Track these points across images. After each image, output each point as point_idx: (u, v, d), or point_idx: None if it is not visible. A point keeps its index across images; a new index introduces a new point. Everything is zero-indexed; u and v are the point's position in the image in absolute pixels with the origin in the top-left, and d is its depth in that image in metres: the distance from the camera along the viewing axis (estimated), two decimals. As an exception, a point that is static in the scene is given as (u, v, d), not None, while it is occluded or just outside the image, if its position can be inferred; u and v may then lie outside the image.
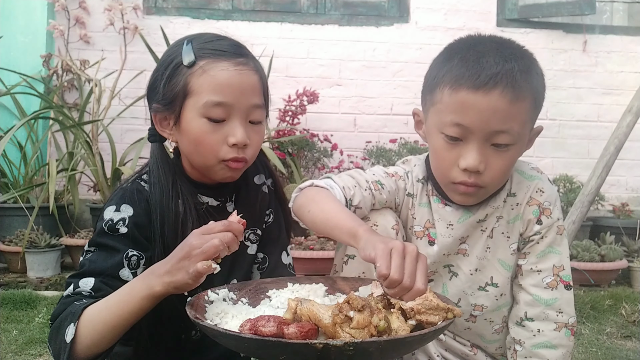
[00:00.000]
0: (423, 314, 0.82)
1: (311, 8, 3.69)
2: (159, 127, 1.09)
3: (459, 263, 1.16)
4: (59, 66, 3.40)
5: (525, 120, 1.02)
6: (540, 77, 1.04)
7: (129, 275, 1.01)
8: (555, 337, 1.07)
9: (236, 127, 1.03)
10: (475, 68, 0.98)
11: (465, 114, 0.99)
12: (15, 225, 3.01)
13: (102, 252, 1.01)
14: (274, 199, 1.27)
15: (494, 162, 1.01)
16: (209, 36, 1.08)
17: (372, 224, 1.12)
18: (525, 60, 1.02)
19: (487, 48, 1.01)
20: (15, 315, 2.17)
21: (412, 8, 3.69)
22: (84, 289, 0.97)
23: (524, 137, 1.04)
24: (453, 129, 1.00)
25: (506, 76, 0.96)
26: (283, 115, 3.37)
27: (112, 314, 0.91)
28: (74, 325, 0.90)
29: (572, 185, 3.41)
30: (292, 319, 0.78)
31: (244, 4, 3.66)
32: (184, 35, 1.11)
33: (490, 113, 0.97)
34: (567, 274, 1.10)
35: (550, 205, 1.11)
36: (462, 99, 0.98)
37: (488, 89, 0.96)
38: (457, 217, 1.13)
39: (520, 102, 0.98)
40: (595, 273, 2.84)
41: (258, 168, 1.24)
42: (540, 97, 1.04)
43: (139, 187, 1.10)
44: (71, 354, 0.89)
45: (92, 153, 3.10)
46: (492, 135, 1.00)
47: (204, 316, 0.87)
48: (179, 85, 1.03)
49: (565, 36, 3.73)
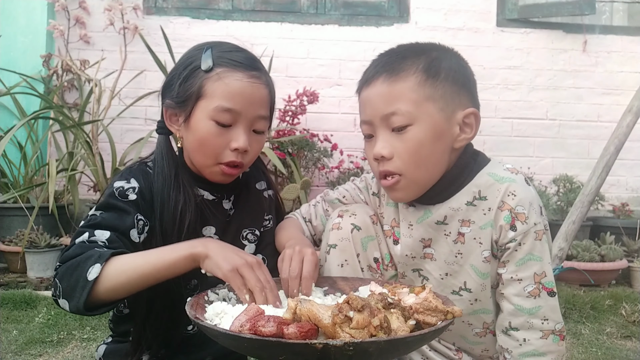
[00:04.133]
0: (421, 313, 0.83)
1: (311, 8, 3.69)
2: (168, 122, 1.16)
3: (428, 268, 1.15)
4: (59, 66, 3.40)
5: (415, 98, 1.03)
6: (440, 59, 1.06)
7: (137, 237, 1.06)
8: (542, 345, 1.03)
9: (240, 133, 1.10)
10: (364, 73, 1.13)
11: (364, 111, 1.11)
12: (15, 225, 3.01)
13: (113, 212, 1.06)
14: (274, 207, 1.33)
15: (399, 146, 1.05)
16: (229, 46, 1.16)
17: (351, 214, 1.19)
18: (414, 48, 1.10)
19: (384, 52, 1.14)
20: (15, 315, 2.17)
21: (412, 8, 3.69)
22: (99, 238, 1.01)
23: (425, 116, 1.03)
24: (363, 127, 1.12)
25: (383, 66, 1.08)
26: (283, 115, 3.37)
27: (148, 263, 0.96)
28: (100, 265, 0.93)
29: (572, 185, 3.41)
30: (292, 319, 0.78)
31: (244, 4, 3.66)
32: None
33: (376, 99, 1.07)
34: (550, 281, 1.04)
35: (524, 210, 1.03)
36: (360, 100, 1.12)
37: (369, 82, 1.09)
38: (417, 217, 1.13)
39: (401, 82, 1.04)
40: (595, 273, 2.84)
41: (261, 176, 1.31)
42: (437, 73, 1.04)
43: (144, 168, 1.17)
44: (91, 292, 0.92)
45: (92, 153, 3.10)
46: (386, 120, 1.05)
47: (203, 316, 0.87)
48: (194, 87, 1.10)
49: (565, 36, 3.73)
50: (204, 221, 1.17)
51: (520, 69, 3.72)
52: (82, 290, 0.92)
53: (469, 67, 1.11)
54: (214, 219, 1.19)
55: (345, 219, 1.18)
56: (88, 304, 0.93)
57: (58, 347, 1.87)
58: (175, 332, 1.17)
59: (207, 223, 1.18)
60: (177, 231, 1.10)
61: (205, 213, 1.17)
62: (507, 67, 3.71)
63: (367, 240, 1.17)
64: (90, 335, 1.98)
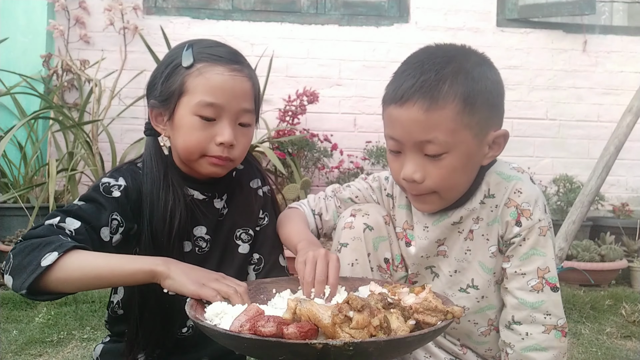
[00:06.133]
0: (421, 313, 0.83)
1: (311, 8, 3.69)
2: (154, 122, 1.16)
3: (440, 264, 1.17)
4: (59, 66, 3.40)
5: (453, 128, 1.00)
6: (477, 80, 1.03)
7: (107, 236, 1.05)
8: (545, 339, 1.05)
9: (225, 127, 1.10)
10: (397, 83, 1.05)
11: (393, 128, 1.05)
12: (15, 225, 3.01)
13: (92, 205, 1.06)
14: (270, 203, 1.31)
15: (432, 171, 1.03)
16: (209, 42, 1.16)
17: (364, 213, 1.19)
18: (451, 66, 1.03)
19: (413, 61, 1.07)
20: (15, 315, 2.17)
21: (412, 8, 3.69)
22: (68, 226, 1.01)
23: (460, 145, 1.02)
24: (389, 142, 1.08)
25: (420, 87, 1.01)
26: (283, 115, 3.37)
27: (107, 265, 0.95)
28: (57, 254, 0.91)
29: (572, 185, 3.41)
30: (292, 319, 0.78)
31: (244, 4, 3.66)
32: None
33: (411, 124, 1.01)
34: (553, 276, 1.06)
35: (529, 206, 1.07)
36: (389, 114, 1.06)
37: (403, 102, 1.02)
38: (433, 220, 1.14)
39: (439, 111, 0.99)
40: (595, 273, 2.84)
41: (255, 174, 1.30)
42: (474, 100, 1.01)
43: (134, 168, 1.17)
44: (39, 277, 0.90)
45: (92, 153, 3.10)
46: (420, 146, 1.02)
47: (203, 316, 0.87)
48: (175, 84, 1.10)
49: (565, 36, 3.73)
50: (194, 221, 1.17)
51: (520, 69, 3.72)
52: (31, 274, 0.90)
53: (500, 80, 1.11)
54: (204, 218, 1.18)
55: (358, 219, 1.18)
56: (32, 288, 0.91)
57: (58, 347, 1.87)
58: (169, 333, 1.17)
59: (197, 223, 1.18)
60: (167, 231, 1.10)
61: (196, 213, 1.16)
62: (507, 67, 3.71)
63: (378, 240, 1.18)
64: (90, 335, 1.98)
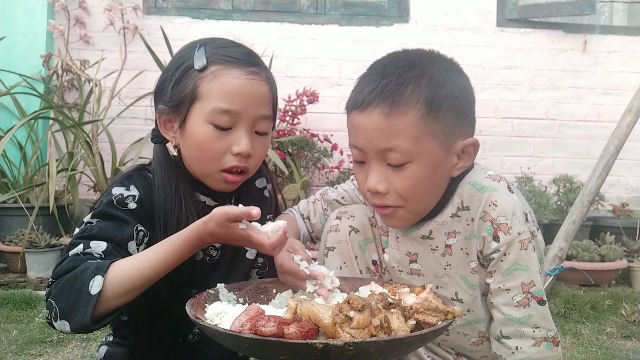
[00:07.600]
0: (422, 313, 0.83)
1: (311, 8, 3.69)
2: (163, 129, 1.08)
3: (417, 284, 1.13)
4: (59, 66, 3.40)
5: (416, 134, 0.95)
6: (442, 85, 0.98)
7: (135, 249, 0.98)
8: (536, 352, 1.01)
9: (241, 136, 1.02)
10: (358, 89, 1.01)
11: (355, 136, 1.01)
12: (15, 225, 3.01)
13: (111, 222, 0.98)
14: (274, 205, 1.27)
15: (396, 181, 0.98)
16: (223, 42, 1.07)
17: (349, 216, 1.17)
18: (415, 70, 0.98)
19: (376, 65, 1.03)
20: (15, 315, 2.17)
21: (412, 8, 3.69)
22: (95, 250, 0.93)
23: (424, 153, 0.97)
24: (353, 151, 1.03)
25: (381, 92, 0.96)
26: (283, 115, 3.37)
27: (149, 259, 0.90)
28: (101, 277, 0.86)
29: (572, 185, 3.41)
30: (292, 319, 0.78)
31: (244, 4, 3.66)
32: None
33: (372, 131, 0.97)
34: (539, 289, 1.01)
35: (506, 220, 0.99)
36: (351, 121, 1.02)
37: (364, 107, 0.97)
38: (402, 230, 1.11)
39: (401, 116, 0.95)
40: (595, 273, 2.84)
41: (260, 171, 1.23)
42: (439, 106, 0.96)
43: (145, 174, 1.09)
44: (96, 305, 0.85)
45: (92, 153, 3.10)
46: (382, 154, 0.98)
47: (203, 316, 0.87)
48: (187, 88, 1.01)
49: (565, 36, 3.73)
50: None
51: (520, 69, 3.72)
52: (86, 306, 0.85)
53: (469, 86, 1.04)
54: None
55: (343, 221, 1.17)
56: (94, 319, 0.86)
57: (58, 347, 1.87)
58: (175, 340, 1.13)
59: None
60: None
61: None
62: (507, 67, 3.72)
63: (365, 242, 1.17)
64: (90, 335, 1.98)
